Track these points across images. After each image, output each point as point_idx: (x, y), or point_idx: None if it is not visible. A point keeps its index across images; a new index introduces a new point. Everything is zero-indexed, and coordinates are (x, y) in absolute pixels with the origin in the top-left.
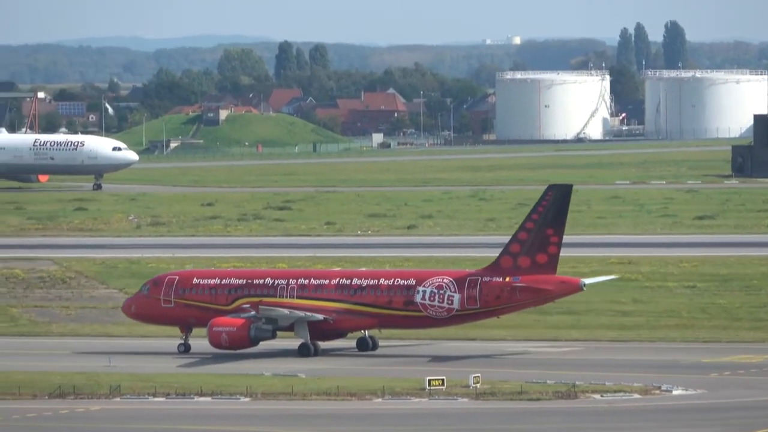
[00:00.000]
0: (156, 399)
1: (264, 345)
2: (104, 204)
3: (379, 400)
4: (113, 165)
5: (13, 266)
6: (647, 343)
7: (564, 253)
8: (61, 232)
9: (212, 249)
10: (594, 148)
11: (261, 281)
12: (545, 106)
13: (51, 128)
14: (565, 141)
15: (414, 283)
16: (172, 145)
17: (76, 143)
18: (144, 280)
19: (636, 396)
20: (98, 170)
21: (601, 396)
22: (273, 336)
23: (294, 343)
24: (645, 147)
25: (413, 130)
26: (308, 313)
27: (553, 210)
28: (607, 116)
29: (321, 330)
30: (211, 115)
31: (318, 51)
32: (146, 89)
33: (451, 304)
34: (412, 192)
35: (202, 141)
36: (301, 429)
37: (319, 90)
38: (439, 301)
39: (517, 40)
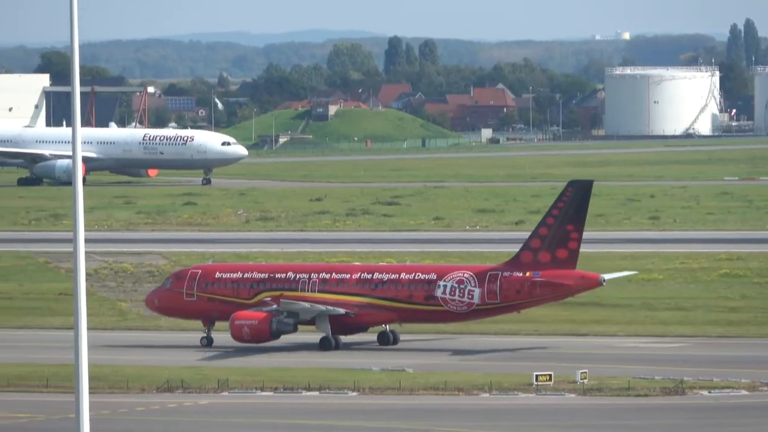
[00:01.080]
0: (264, 393)
1: (285, 338)
2: (213, 199)
3: (487, 395)
4: (222, 160)
5: (122, 261)
6: (755, 339)
7: (672, 248)
8: (170, 226)
9: (321, 244)
10: (703, 143)
11: (283, 275)
12: (654, 102)
13: (160, 123)
14: (674, 136)
15: (435, 277)
16: (281, 140)
17: (185, 138)
18: None
19: (743, 392)
20: (207, 165)
21: (709, 392)
22: (294, 329)
23: (316, 336)
24: (754, 143)
25: (522, 126)
26: (329, 307)
27: (573, 206)
28: (717, 112)
29: (342, 324)
30: (320, 110)
31: (427, 46)
32: (256, 84)
33: (472, 298)
34: (520, 187)
35: (311, 136)
36: (409, 424)
37: (429, 85)
38: (459, 296)
39: (627, 36)
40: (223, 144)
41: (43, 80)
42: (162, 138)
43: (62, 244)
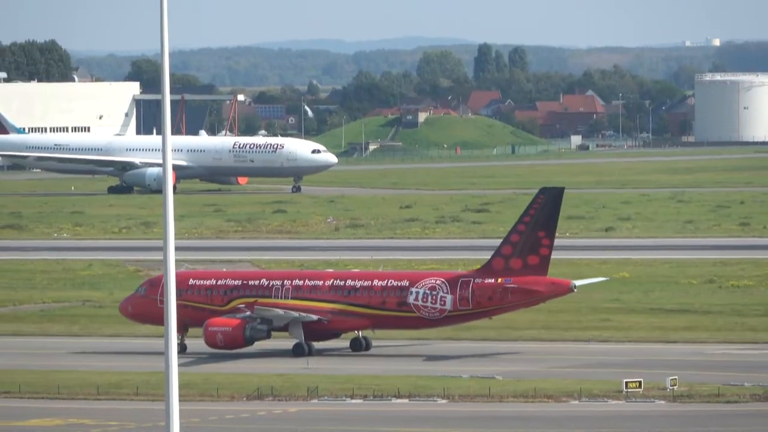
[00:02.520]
0: (353, 401)
1: (258, 345)
2: (303, 206)
3: (576, 402)
4: (312, 167)
5: (212, 268)
6: None
7: (763, 255)
8: (260, 234)
9: (410, 251)
10: None
11: (256, 282)
12: (744, 108)
13: (250, 131)
14: (764, 143)
15: (407, 284)
16: (371, 147)
17: (275, 145)
18: None
19: None
20: (297, 172)
21: None
22: (268, 336)
23: (288, 343)
24: None
25: (612, 132)
26: (303, 314)
27: (545, 213)
28: None
29: (316, 330)
30: (410, 117)
31: (517, 53)
32: (345, 92)
33: (444, 305)
34: (610, 194)
35: (400, 143)
36: (498, 431)
37: (518, 92)
38: (432, 302)
39: (716, 42)
40: (313, 151)
41: (134, 88)
42: (252, 146)
43: (153, 252)
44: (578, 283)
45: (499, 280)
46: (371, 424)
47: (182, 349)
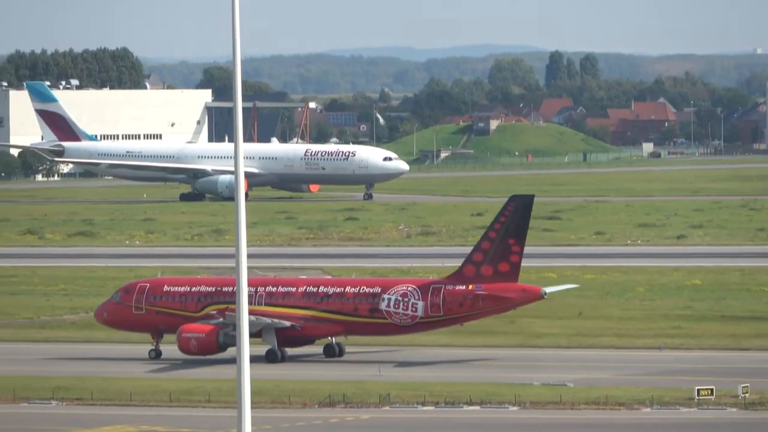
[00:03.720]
0: (425, 408)
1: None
2: (374, 213)
3: (648, 409)
4: (384, 175)
5: (285, 276)
6: None
7: None
8: (332, 241)
9: None
10: None
11: (230, 289)
12: None
13: (322, 138)
14: None
15: (379, 291)
16: (443, 155)
17: (347, 153)
18: None
19: None
20: (369, 180)
21: None
22: None
23: (261, 349)
24: None
25: (683, 140)
26: (275, 320)
27: (515, 220)
28: None
29: (289, 337)
30: (481, 124)
31: (589, 61)
32: (417, 99)
33: (415, 311)
34: (681, 201)
35: (472, 151)
36: None
37: (590, 99)
38: (403, 309)
39: None
40: (385, 159)
41: (205, 96)
42: (324, 153)
43: (225, 260)
44: (549, 290)
45: (470, 286)
46: (442, 431)
47: (157, 355)
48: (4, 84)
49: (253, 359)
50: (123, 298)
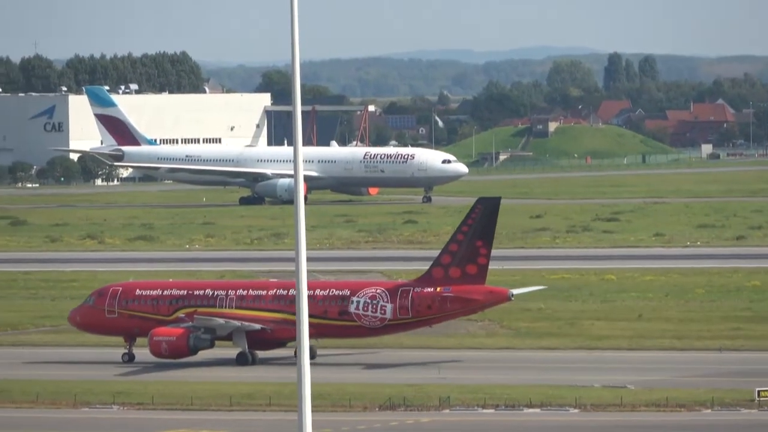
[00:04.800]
0: (485, 411)
1: (203, 354)
2: (434, 216)
3: (708, 411)
4: (443, 177)
5: (344, 279)
6: None
7: None
8: (391, 244)
9: (540, 261)
10: None
11: (201, 292)
12: None
13: (381, 141)
14: None
15: (348, 293)
16: (502, 157)
17: (406, 156)
18: None
19: None
20: (428, 183)
21: None
22: (211, 345)
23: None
24: None
25: (742, 141)
26: (245, 323)
27: (482, 222)
28: None
29: (260, 339)
30: (540, 127)
31: (647, 62)
32: (476, 102)
33: (384, 313)
34: (741, 203)
35: (531, 153)
36: None
37: (648, 101)
38: (372, 311)
39: None
40: (444, 162)
41: (264, 99)
42: (383, 156)
43: (284, 263)
44: (516, 291)
45: (438, 289)
46: None
47: (130, 358)
48: (64, 89)
49: (225, 362)
50: (96, 302)
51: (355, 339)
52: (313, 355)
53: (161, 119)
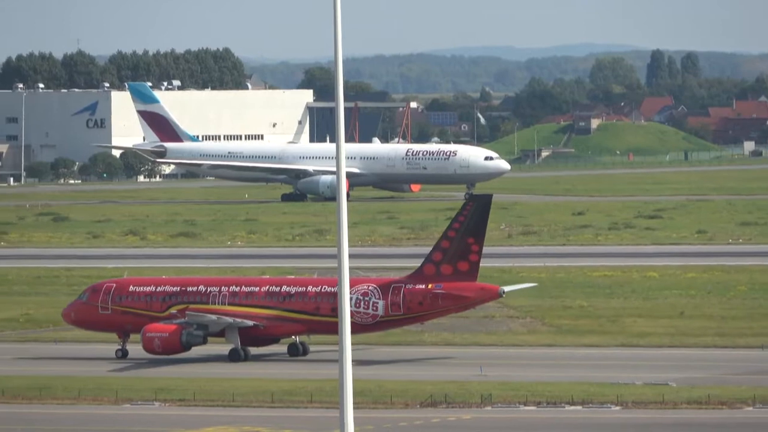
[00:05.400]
0: (527, 408)
1: (196, 350)
2: None
3: (750, 408)
4: (485, 174)
5: (386, 276)
6: None
7: None
8: (433, 241)
9: (582, 258)
10: None
11: (194, 288)
12: None
13: (423, 138)
14: None
15: None
16: (544, 154)
17: (448, 153)
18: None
19: None
20: (470, 179)
21: None
22: (204, 342)
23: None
24: None
25: None
26: (237, 319)
27: (474, 220)
28: None
29: (252, 336)
30: (582, 124)
31: (690, 59)
32: (518, 98)
33: (376, 310)
34: None
35: (573, 150)
36: None
37: (691, 98)
38: (364, 308)
39: None
40: (486, 158)
41: (307, 96)
42: (425, 153)
43: (326, 260)
44: (507, 288)
45: (430, 285)
46: (544, 431)
47: (123, 354)
48: (106, 85)
49: (216, 358)
50: (90, 298)
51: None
52: (305, 352)
53: (204, 116)
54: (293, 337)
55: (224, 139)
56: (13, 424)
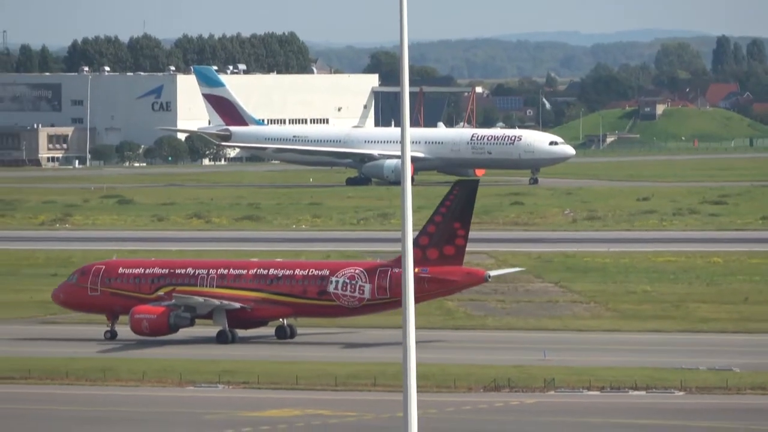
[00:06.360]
0: (590, 392)
1: (183, 332)
2: (540, 198)
3: None
4: (550, 159)
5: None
6: None
7: None
8: (497, 226)
9: (647, 243)
10: None
11: (183, 271)
12: None
13: (488, 123)
14: None
15: (327, 273)
16: (609, 139)
17: (513, 138)
18: (578, 274)
19: None
20: (535, 164)
21: None
22: (192, 323)
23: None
24: None
25: None
26: (224, 302)
27: (460, 205)
28: None
29: (240, 318)
30: (647, 109)
31: (756, 45)
32: (583, 84)
33: (363, 293)
34: None
35: (638, 135)
36: (735, 423)
37: (756, 84)
38: (351, 291)
39: None
40: (551, 143)
41: (372, 80)
42: (490, 138)
43: (390, 244)
44: (493, 273)
45: (416, 269)
46: (608, 416)
47: (112, 336)
48: (172, 68)
49: (205, 340)
50: (79, 280)
51: (334, 318)
52: (293, 335)
53: (269, 100)
54: (281, 319)
55: (289, 123)
56: (79, 406)
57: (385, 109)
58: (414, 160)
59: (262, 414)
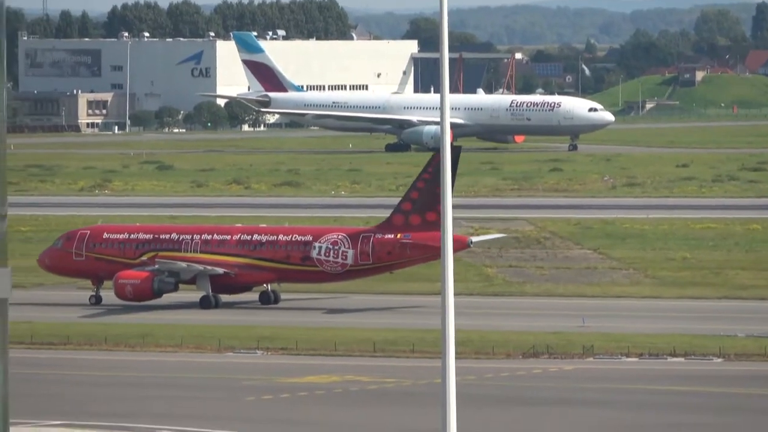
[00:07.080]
0: (629, 359)
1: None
2: (579, 165)
3: None
4: (589, 126)
5: (488, 226)
6: None
7: None
8: (536, 192)
9: (685, 210)
10: None
11: (167, 236)
12: None
13: (527, 89)
14: None
15: (310, 239)
16: (648, 106)
17: (552, 104)
18: (617, 241)
19: None
20: (574, 131)
21: None
22: (175, 289)
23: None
24: None
25: None
26: (207, 267)
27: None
28: None
29: (224, 284)
30: (687, 76)
31: None
32: (623, 50)
33: (345, 259)
34: None
35: (677, 102)
36: None
37: None
38: (333, 257)
39: None
40: (590, 110)
41: (412, 46)
42: (529, 104)
43: None
44: (475, 239)
45: (399, 235)
46: (647, 383)
47: (97, 300)
48: (212, 34)
49: (189, 305)
50: (64, 245)
51: (317, 284)
52: (276, 300)
53: (308, 66)
54: (264, 285)
55: (329, 89)
56: (118, 371)
57: (425, 76)
58: (453, 126)
59: (301, 380)
